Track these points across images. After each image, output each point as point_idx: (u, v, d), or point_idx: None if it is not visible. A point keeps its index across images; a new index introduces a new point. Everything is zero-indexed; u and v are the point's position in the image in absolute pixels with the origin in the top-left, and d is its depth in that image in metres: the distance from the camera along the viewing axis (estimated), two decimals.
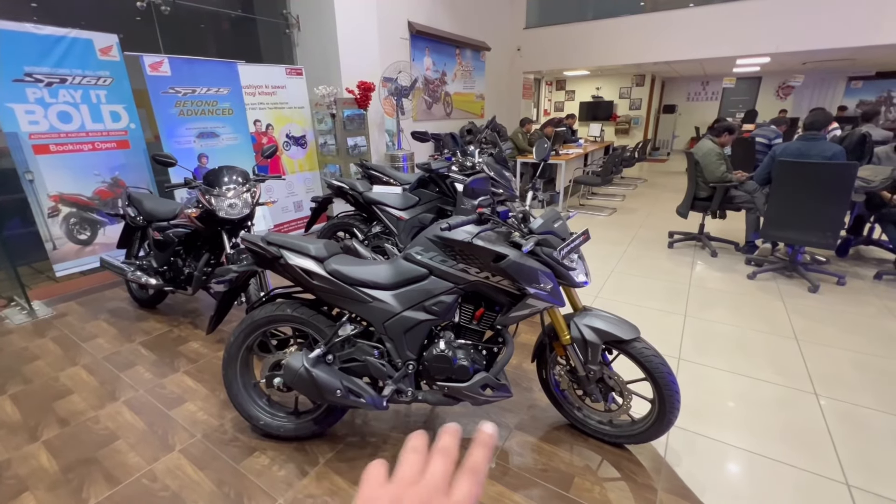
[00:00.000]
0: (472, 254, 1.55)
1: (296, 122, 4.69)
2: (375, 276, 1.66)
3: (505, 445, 1.83)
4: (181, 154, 3.65)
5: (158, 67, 3.37)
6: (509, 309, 1.62)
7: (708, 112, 12.97)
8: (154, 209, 2.87)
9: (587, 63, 9.08)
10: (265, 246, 1.69)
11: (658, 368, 1.57)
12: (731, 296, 3.28)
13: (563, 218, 1.68)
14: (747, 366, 2.37)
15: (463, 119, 7.79)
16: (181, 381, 2.30)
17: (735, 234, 4.53)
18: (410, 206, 3.12)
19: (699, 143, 4.10)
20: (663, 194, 7.17)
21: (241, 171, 2.67)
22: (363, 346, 1.70)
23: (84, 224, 3.53)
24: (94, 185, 3.54)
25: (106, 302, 3.31)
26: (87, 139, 3.42)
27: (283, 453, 1.80)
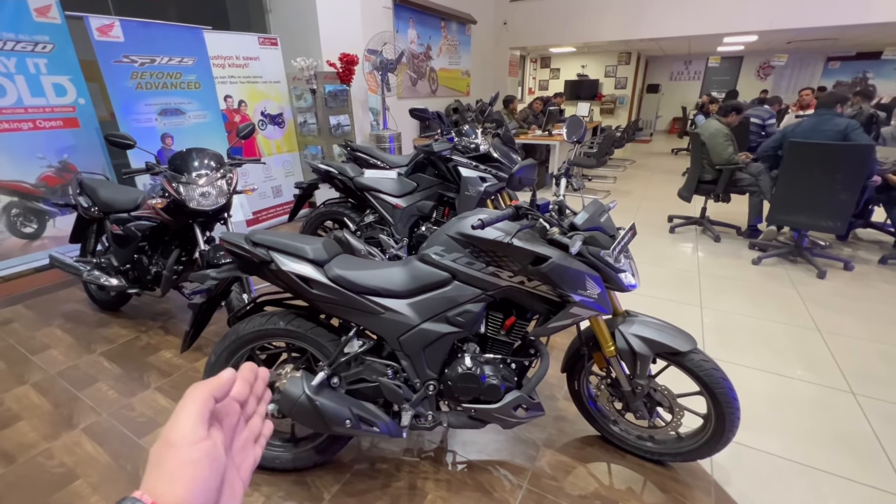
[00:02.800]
0: (507, 255, 1.30)
1: (271, 98, 4.25)
2: (387, 283, 1.38)
3: (535, 467, 1.62)
4: (141, 134, 3.20)
5: (108, 31, 2.89)
6: (546, 318, 1.38)
7: (690, 92, 12.94)
8: (111, 199, 2.47)
9: (575, 39, 8.77)
10: (251, 249, 1.38)
11: (719, 383, 1.37)
12: (741, 283, 3.15)
13: (607, 210, 1.44)
14: (777, 362, 2.24)
15: (449, 97, 7.40)
16: (153, 400, 1.99)
17: (735, 217, 4.43)
18: (407, 192, 2.83)
19: (705, 124, 3.92)
20: (654, 176, 7.06)
21: (214, 155, 2.30)
22: (374, 364, 1.44)
23: (29, 215, 3.08)
24: (39, 170, 3.07)
25: (60, 304, 2.91)
26: (26, 116, 2.94)
27: (281, 488, 1.54)
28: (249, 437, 0.37)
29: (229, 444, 0.34)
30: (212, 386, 0.33)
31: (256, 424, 0.38)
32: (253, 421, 0.38)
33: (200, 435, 0.30)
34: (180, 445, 0.29)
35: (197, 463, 0.29)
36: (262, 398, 0.40)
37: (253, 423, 0.38)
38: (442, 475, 1.59)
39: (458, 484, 1.55)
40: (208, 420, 0.31)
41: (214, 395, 0.33)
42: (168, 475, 0.28)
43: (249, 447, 0.37)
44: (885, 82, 10.37)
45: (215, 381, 0.34)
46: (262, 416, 0.40)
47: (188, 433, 0.30)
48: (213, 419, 0.33)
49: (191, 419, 0.30)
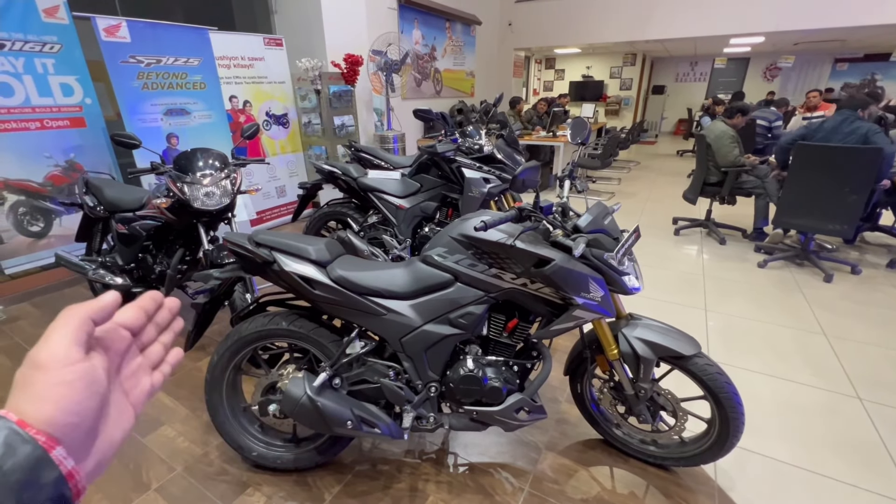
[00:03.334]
0: (510, 257, 1.29)
1: (276, 98, 4.26)
2: (389, 284, 1.38)
3: (537, 470, 1.61)
4: (147, 133, 3.22)
5: (115, 32, 2.91)
6: (549, 320, 1.38)
7: (696, 93, 12.87)
8: (116, 198, 2.48)
9: (581, 40, 8.75)
10: (254, 249, 1.39)
11: (723, 388, 1.36)
12: (746, 286, 3.13)
13: (611, 212, 1.43)
14: (783, 367, 2.22)
15: (453, 98, 7.41)
16: (156, 400, 1.99)
17: (741, 220, 4.39)
18: (411, 193, 2.82)
19: (711, 125, 3.90)
20: (659, 178, 7.02)
21: (219, 155, 2.31)
22: (376, 365, 1.44)
23: (36, 214, 3.11)
24: (46, 169, 3.10)
25: (66, 302, 2.92)
26: (34, 116, 2.96)
27: (282, 489, 1.54)
28: (144, 364, 0.37)
29: (115, 370, 0.34)
30: (89, 308, 0.32)
31: (156, 352, 0.38)
32: (152, 349, 0.38)
33: (74, 357, 0.29)
34: (51, 367, 0.28)
35: (70, 384, 0.28)
36: (168, 327, 0.40)
37: (151, 351, 0.38)
38: (443, 477, 1.58)
39: (460, 486, 1.55)
40: (85, 343, 0.30)
41: (92, 317, 0.32)
42: (36, 395, 0.27)
43: (144, 374, 0.37)
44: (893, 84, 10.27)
45: (93, 303, 0.32)
46: (164, 344, 0.39)
47: (61, 355, 0.29)
48: (93, 343, 0.32)
49: (64, 340, 0.29)
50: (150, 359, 0.38)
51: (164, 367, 0.39)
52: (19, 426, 0.26)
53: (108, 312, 0.33)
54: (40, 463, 0.26)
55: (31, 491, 0.25)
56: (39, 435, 0.26)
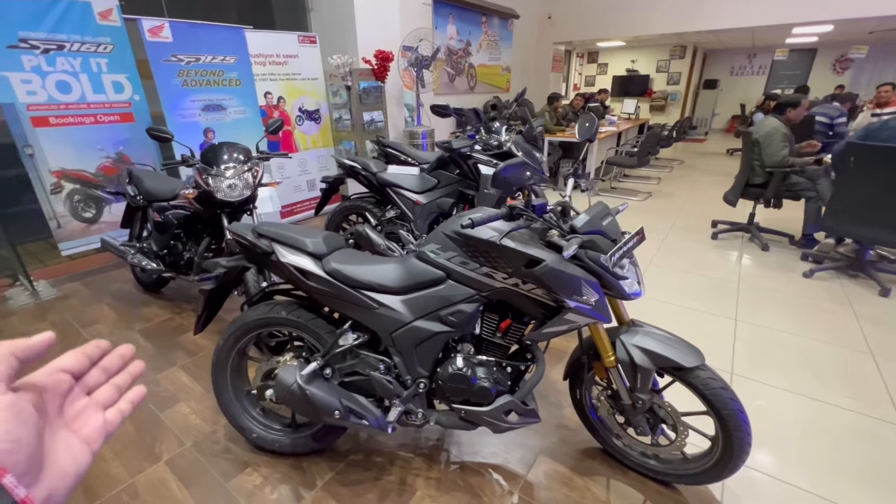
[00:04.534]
0: (500, 256, 1.26)
1: (309, 94, 4.40)
2: (382, 278, 1.39)
3: (529, 475, 1.58)
4: (186, 128, 3.43)
5: (159, 33, 3.11)
6: (542, 323, 1.34)
7: (753, 88, 12.00)
8: (154, 188, 2.67)
9: (625, 32, 8.37)
10: (254, 240, 1.44)
11: (727, 404, 1.27)
12: (786, 297, 2.89)
13: (613, 213, 1.36)
14: (815, 385, 2.04)
15: (487, 93, 7.33)
16: (176, 378, 2.13)
17: (789, 225, 4.06)
18: (428, 189, 2.83)
19: (762, 121, 3.60)
20: (703, 177, 6.63)
21: (243, 149, 2.42)
22: (368, 358, 1.46)
23: (89, 201, 3.39)
24: (98, 160, 3.36)
25: (111, 284, 3.19)
26: (89, 111, 3.23)
27: (278, 471, 1.60)
28: (91, 405, 0.39)
29: (57, 409, 0.36)
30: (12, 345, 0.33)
31: (105, 393, 0.40)
32: (101, 390, 0.40)
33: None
34: None
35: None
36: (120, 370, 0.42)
37: (99, 393, 0.40)
38: (434, 473, 1.59)
39: (449, 484, 1.54)
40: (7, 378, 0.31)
41: (15, 354, 0.33)
42: None
43: (93, 412, 0.38)
44: None
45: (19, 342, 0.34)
46: (117, 385, 0.41)
47: None
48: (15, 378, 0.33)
49: None
50: (98, 400, 0.39)
51: (121, 405, 0.41)
52: None
53: (33, 351, 0.34)
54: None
55: None
56: None
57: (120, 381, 0.42)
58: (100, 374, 0.41)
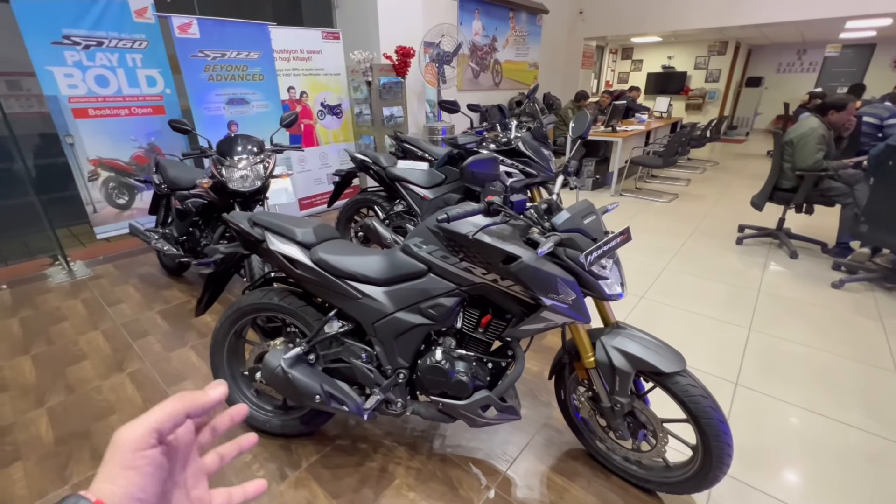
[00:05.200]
0: (478, 251, 1.27)
1: (331, 89, 4.50)
2: (366, 269, 1.43)
3: (509, 471, 1.58)
4: (211, 121, 3.59)
5: (187, 29, 3.27)
6: (521, 320, 1.33)
7: (801, 86, 11.27)
8: (176, 177, 2.81)
9: (662, 27, 8.06)
10: (248, 228, 1.51)
11: (706, 412, 1.22)
12: (809, 308, 2.73)
13: (599, 212, 1.34)
14: (830, 403, 1.92)
15: (513, 90, 7.25)
16: (186, 357, 2.25)
17: (823, 232, 3.83)
18: (436, 184, 2.85)
19: (802, 121, 3.38)
20: (736, 180, 6.31)
21: (257, 141, 2.52)
22: (352, 346, 1.50)
23: (122, 188, 3.61)
24: (132, 150, 3.58)
25: (138, 266, 3.39)
26: (124, 104, 3.44)
27: (268, 450, 1.68)
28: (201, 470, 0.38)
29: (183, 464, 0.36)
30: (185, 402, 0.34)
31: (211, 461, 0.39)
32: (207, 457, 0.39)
33: (147, 443, 0.31)
34: (125, 450, 0.31)
35: (138, 469, 0.30)
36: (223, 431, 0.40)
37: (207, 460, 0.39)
38: (415, 463, 1.61)
39: (428, 474, 1.57)
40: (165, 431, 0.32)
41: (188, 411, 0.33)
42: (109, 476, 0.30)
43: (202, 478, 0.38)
44: None
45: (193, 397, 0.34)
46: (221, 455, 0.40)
47: (135, 440, 0.31)
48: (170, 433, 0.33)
49: (144, 427, 0.31)
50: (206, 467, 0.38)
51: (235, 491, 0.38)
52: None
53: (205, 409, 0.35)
54: None
55: None
56: None
57: (225, 451, 0.40)
58: (209, 434, 0.39)
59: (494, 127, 3.07)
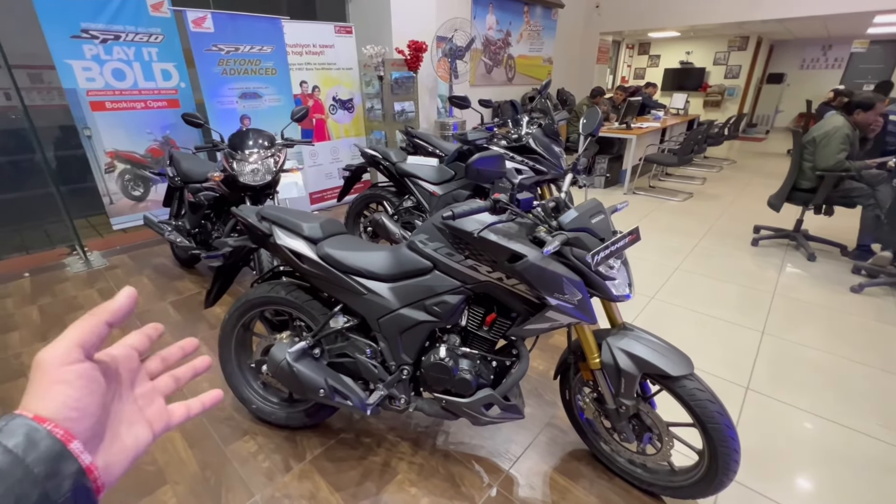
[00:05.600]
0: (483, 249, 1.26)
1: (343, 84, 4.50)
2: (372, 265, 1.43)
3: (512, 470, 1.58)
4: (224, 115, 3.63)
5: (202, 23, 3.29)
6: (526, 319, 1.32)
7: (825, 83, 10.92)
8: (189, 170, 2.85)
9: (681, 22, 7.89)
10: (255, 222, 1.52)
11: (713, 418, 1.20)
12: (826, 312, 2.66)
13: (607, 211, 1.32)
14: (844, 410, 1.87)
15: (526, 86, 7.18)
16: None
17: (842, 234, 3.72)
18: (445, 180, 2.84)
19: (826, 119, 3.27)
20: (754, 179, 6.17)
21: (268, 136, 2.53)
22: (356, 341, 1.50)
23: (138, 181, 3.68)
24: (147, 143, 3.64)
25: (153, 258, 3.45)
26: (140, 97, 3.49)
27: (273, 441, 1.70)
28: (154, 390, 0.39)
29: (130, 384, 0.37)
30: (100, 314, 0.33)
31: (164, 383, 0.40)
32: (161, 379, 0.40)
33: (73, 357, 0.31)
34: (49, 367, 0.30)
35: (68, 383, 0.30)
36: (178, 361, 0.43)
37: (160, 381, 0.40)
38: (417, 459, 1.62)
39: (430, 470, 1.57)
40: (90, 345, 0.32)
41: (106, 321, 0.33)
42: (39, 394, 0.29)
43: (156, 396, 0.39)
44: None
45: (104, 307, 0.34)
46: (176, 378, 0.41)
47: (59, 356, 0.31)
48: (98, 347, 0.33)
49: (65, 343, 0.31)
50: (159, 387, 0.39)
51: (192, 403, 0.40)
52: (36, 422, 0.27)
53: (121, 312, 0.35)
54: (60, 456, 0.27)
55: (53, 481, 0.26)
56: (57, 429, 0.28)
57: (181, 374, 0.42)
58: (159, 363, 0.41)
59: (505, 123, 3.05)
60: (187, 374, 0.42)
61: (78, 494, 0.28)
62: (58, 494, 0.26)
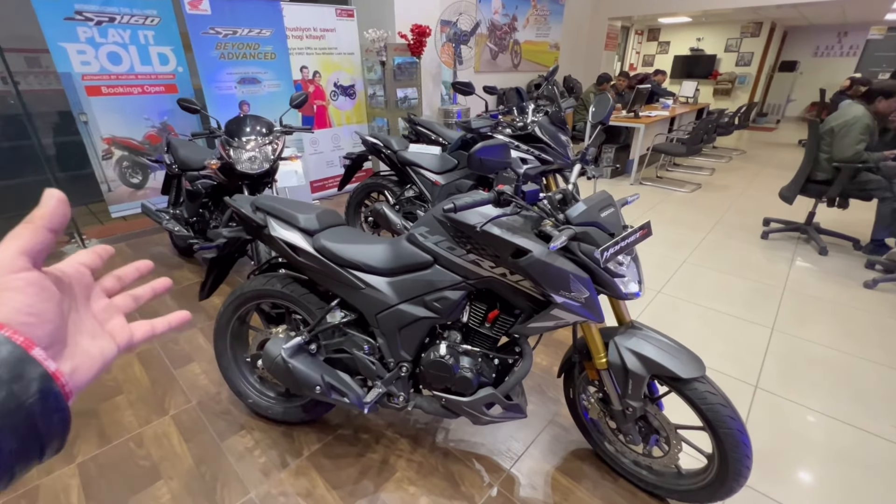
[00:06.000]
0: (486, 244, 1.20)
1: (345, 69, 4.40)
2: (370, 258, 1.37)
3: (513, 469, 1.54)
4: (222, 100, 3.55)
5: (198, 5, 3.19)
6: (530, 316, 1.27)
7: (839, 71, 10.64)
8: (187, 157, 2.79)
9: (693, 6, 7.65)
10: (250, 213, 1.46)
11: (725, 422, 1.15)
12: (839, 308, 2.59)
13: (617, 204, 1.25)
14: (857, 411, 1.82)
15: (532, 72, 7.02)
16: (193, 339, 2.26)
17: (855, 228, 3.62)
18: (448, 169, 2.76)
19: (845, 108, 3.14)
20: (764, 170, 6.03)
21: (266, 122, 2.46)
22: (354, 337, 1.45)
23: (136, 168, 3.61)
24: (145, 129, 3.56)
25: (152, 246, 3.42)
26: (137, 82, 3.41)
27: (270, 436, 1.67)
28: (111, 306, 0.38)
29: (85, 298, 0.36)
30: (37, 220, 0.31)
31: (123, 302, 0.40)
32: (118, 298, 0.40)
33: (19, 265, 0.30)
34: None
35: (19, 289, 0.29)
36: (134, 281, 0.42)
37: (118, 299, 0.39)
38: (416, 456, 1.58)
39: (429, 469, 1.53)
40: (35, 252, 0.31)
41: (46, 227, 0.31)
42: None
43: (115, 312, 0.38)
44: None
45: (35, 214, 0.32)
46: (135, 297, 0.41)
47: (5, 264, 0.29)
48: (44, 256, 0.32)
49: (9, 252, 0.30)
50: (117, 304, 0.39)
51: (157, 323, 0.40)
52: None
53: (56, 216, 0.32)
54: (22, 360, 0.26)
55: (19, 384, 0.26)
56: (16, 336, 0.27)
57: (140, 293, 0.42)
58: (114, 281, 0.40)
59: (510, 110, 2.95)
60: (146, 293, 0.42)
61: (46, 397, 0.27)
62: (25, 395, 0.26)
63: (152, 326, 0.40)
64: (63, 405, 0.28)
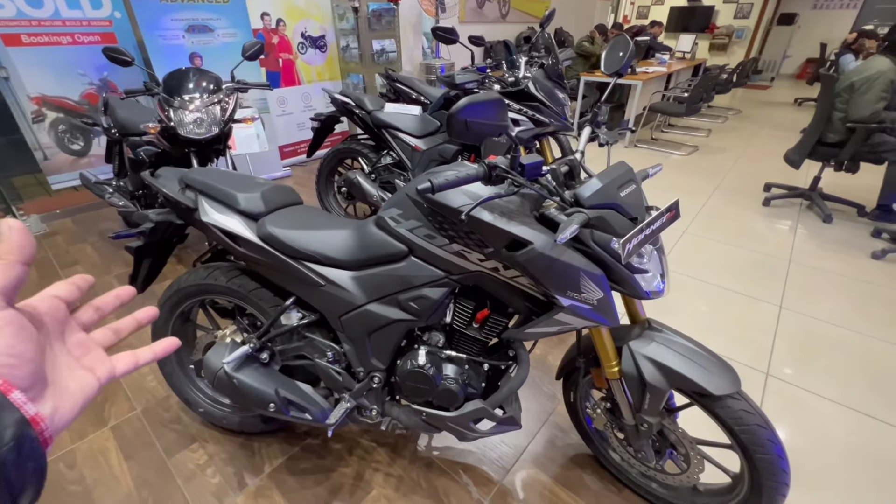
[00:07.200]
0: (474, 232, 0.93)
1: (313, 17, 3.89)
2: (330, 248, 1.10)
3: (505, 481, 1.36)
4: (169, 52, 3.08)
5: None
6: (528, 318, 1.03)
7: (838, 25, 10.21)
8: (126, 120, 2.40)
9: None
10: (175, 193, 1.16)
11: (763, 446, 0.95)
12: (848, 282, 2.44)
13: (639, 178, 0.99)
14: (876, 400, 1.68)
15: (521, 23, 6.49)
16: (144, 333, 1.98)
17: (860, 193, 3.45)
18: (430, 132, 2.44)
19: (870, 61, 2.84)
20: (761, 131, 5.79)
21: (213, 77, 2.09)
22: (316, 342, 1.21)
23: (75, 132, 3.18)
24: (81, 87, 3.10)
25: (99, 221, 3.06)
26: (64, 29, 2.91)
27: (226, 449, 1.45)
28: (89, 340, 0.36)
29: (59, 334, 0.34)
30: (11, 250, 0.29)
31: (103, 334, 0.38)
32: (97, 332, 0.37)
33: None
34: None
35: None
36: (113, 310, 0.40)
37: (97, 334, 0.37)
38: (396, 469, 1.39)
39: (411, 484, 1.34)
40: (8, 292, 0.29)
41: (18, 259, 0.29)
42: None
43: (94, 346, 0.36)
44: None
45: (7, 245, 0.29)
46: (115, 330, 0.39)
47: None
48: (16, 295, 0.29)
49: None
50: (97, 339, 0.37)
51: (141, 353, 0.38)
52: None
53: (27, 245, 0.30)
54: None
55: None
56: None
57: (121, 325, 0.39)
58: (92, 312, 0.38)
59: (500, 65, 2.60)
60: (129, 325, 0.40)
61: (22, 444, 0.26)
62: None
63: (135, 357, 0.38)
64: (39, 453, 0.27)
